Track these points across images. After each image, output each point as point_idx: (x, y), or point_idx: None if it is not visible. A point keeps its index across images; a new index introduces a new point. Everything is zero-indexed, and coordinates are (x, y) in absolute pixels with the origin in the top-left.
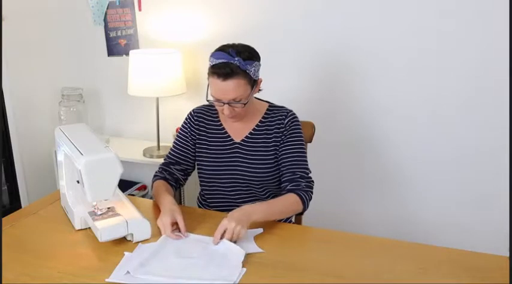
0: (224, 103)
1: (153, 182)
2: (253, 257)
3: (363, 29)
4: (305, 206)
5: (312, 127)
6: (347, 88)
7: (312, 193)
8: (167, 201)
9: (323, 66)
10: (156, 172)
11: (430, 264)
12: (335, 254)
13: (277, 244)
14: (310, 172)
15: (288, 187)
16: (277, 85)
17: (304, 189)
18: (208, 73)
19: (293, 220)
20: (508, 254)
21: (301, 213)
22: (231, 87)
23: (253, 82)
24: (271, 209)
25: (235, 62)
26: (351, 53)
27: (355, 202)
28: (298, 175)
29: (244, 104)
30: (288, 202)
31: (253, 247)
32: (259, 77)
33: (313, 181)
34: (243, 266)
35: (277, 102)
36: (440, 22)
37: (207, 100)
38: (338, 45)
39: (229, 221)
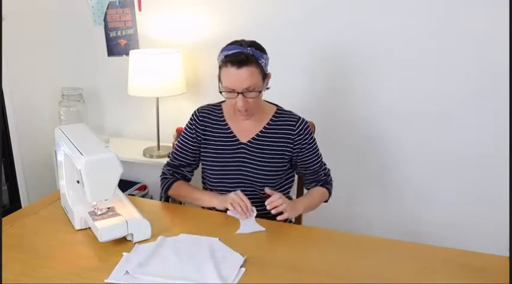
0: (238, 93)
1: (169, 183)
2: (253, 258)
3: (363, 29)
4: (330, 195)
5: (312, 127)
6: (347, 88)
7: (332, 181)
8: (214, 194)
9: (323, 66)
10: (165, 174)
11: (430, 264)
12: (335, 254)
13: (277, 244)
14: (326, 164)
15: (316, 185)
16: (277, 85)
17: (329, 181)
18: (221, 65)
19: (293, 220)
20: (508, 254)
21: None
22: (246, 75)
23: (265, 75)
24: (311, 203)
25: (249, 51)
26: (351, 52)
27: (355, 202)
28: (322, 174)
29: (259, 92)
30: (322, 194)
31: (254, 226)
32: (269, 72)
33: (329, 170)
34: (242, 266)
35: (277, 101)
36: (442, 20)
37: (220, 93)
38: (338, 44)
39: (284, 201)
